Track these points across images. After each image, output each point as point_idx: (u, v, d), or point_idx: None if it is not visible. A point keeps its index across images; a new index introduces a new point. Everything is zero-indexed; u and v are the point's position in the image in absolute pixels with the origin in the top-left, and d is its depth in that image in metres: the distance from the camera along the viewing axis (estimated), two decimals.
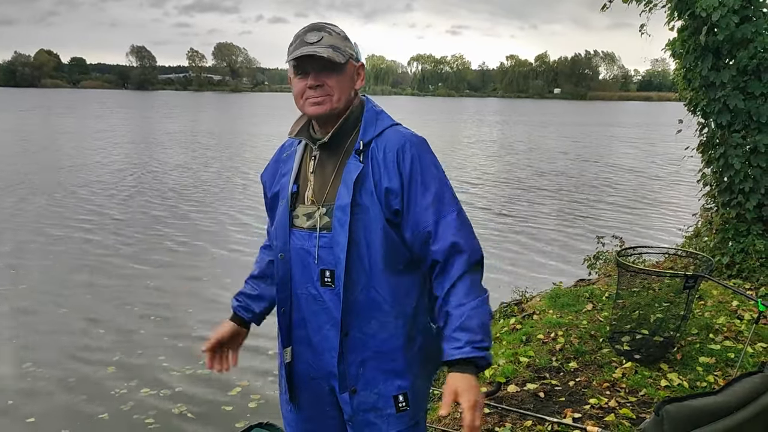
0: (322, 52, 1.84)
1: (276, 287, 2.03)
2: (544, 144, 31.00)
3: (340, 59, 1.87)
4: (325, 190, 1.93)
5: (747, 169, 5.92)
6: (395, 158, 1.88)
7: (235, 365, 2.19)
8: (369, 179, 1.88)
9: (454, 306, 1.82)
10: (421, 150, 1.92)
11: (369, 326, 1.92)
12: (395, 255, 1.91)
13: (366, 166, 1.88)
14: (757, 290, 5.62)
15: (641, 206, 14.55)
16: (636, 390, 3.92)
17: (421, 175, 1.89)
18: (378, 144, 1.91)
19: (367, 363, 1.93)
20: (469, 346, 1.78)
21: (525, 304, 6.22)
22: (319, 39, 1.87)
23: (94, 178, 16.85)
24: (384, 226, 1.88)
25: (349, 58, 1.92)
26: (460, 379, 1.77)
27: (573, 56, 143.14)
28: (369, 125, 1.94)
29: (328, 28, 1.92)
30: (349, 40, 1.96)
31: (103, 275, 8.61)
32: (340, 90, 1.91)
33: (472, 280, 1.85)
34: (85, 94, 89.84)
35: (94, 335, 6.57)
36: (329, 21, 1.99)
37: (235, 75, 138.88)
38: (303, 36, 1.90)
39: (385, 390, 1.94)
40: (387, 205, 1.88)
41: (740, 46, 5.77)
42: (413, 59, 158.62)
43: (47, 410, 5.11)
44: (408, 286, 1.96)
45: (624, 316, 4.54)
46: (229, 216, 12.53)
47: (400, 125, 1.99)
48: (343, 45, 1.91)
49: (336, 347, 1.93)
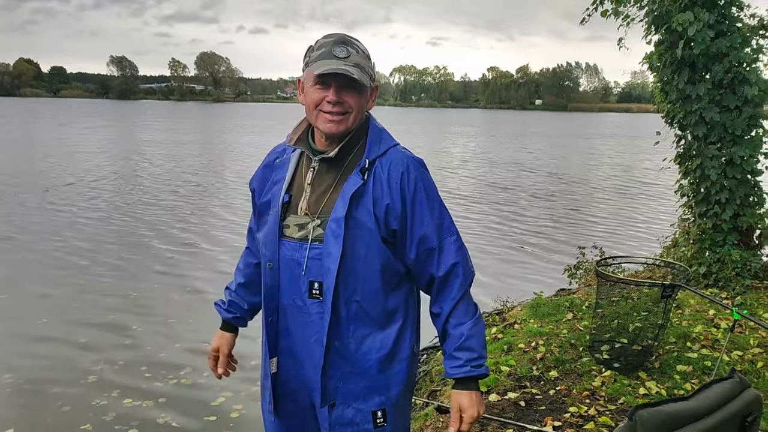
0: (354, 73, 1.83)
1: (263, 296, 2.02)
2: (523, 155, 31.21)
3: (366, 81, 1.87)
4: (321, 203, 1.93)
5: (723, 181, 6.04)
6: (399, 179, 1.90)
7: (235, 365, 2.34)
8: (368, 196, 1.88)
9: (453, 326, 1.96)
10: (423, 173, 1.96)
11: (353, 340, 1.93)
12: (386, 272, 1.93)
13: (368, 183, 1.89)
14: (733, 299, 5.72)
15: (621, 217, 14.69)
16: (615, 398, 3.97)
17: (426, 197, 1.93)
18: (382, 163, 1.92)
19: (348, 377, 1.95)
20: (468, 365, 1.94)
21: (506, 313, 6.26)
22: (348, 55, 1.86)
23: (74, 188, 16.70)
24: (378, 243, 1.89)
25: (373, 79, 1.94)
26: (464, 397, 1.95)
27: (554, 68, 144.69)
28: (374, 144, 1.95)
29: (355, 45, 1.89)
30: (371, 59, 1.94)
31: (83, 285, 8.52)
32: (358, 110, 1.91)
33: (468, 300, 1.98)
34: (66, 103, 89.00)
35: (75, 345, 6.50)
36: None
37: (218, 85, 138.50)
38: (330, 48, 1.86)
39: (364, 405, 1.96)
40: (385, 224, 1.89)
41: (715, 60, 5.89)
42: (395, 70, 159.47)
43: (26, 420, 5.05)
44: (396, 304, 1.98)
45: (603, 325, 4.60)
46: (211, 225, 12.47)
47: (399, 145, 2.01)
48: (367, 65, 1.90)
49: (319, 361, 1.93)
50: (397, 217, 1.89)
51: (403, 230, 1.91)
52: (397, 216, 1.89)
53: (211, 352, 2.30)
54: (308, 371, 1.98)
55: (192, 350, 6.43)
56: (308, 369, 1.97)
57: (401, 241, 1.93)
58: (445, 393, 4.45)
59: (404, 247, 1.94)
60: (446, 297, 1.96)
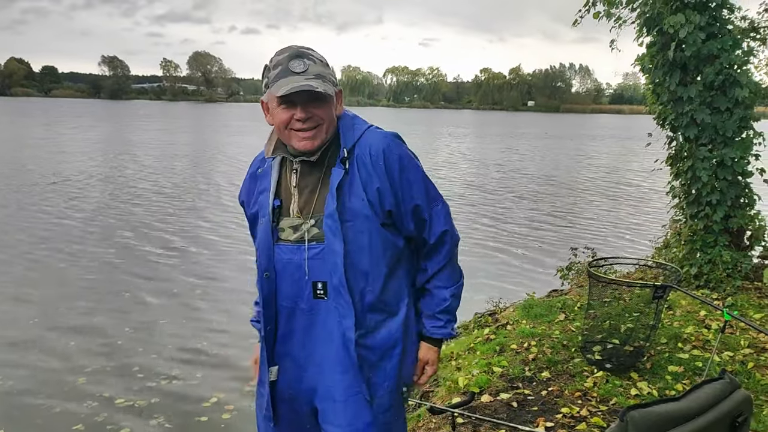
0: (316, 86, 1.80)
1: (262, 306, 2.01)
2: (516, 156, 31.27)
3: (330, 90, 1.85)
4: (312, 202, 1.92)
5: (714, 182, 6.07)
6: (382, 159, 1.90)
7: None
8: (357, 184, 1.88)
9: (436, 287, 2.08)
10: (401, 146, 1.99)
11: (374, 329, 1.96)
12: (391, 256, 1.95)
13: (351, 172, 1.89)
14: (723, 300, 5.75)
15: (613, 218, 14.75)
16: (607, 399, 3.98)
17: (410, 170, 1.96)
18: (361, 148, 1.91)
19: (376, 367, 1.98)
20: (448, 328, 2.10)
21: (499, 314, 6.27)
22: (305, 68, 1.82)
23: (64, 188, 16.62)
24: (378, 230, 1.90)
25: (336, 86, 1.92)
26: (433, 353, 2.13)
27: (547, 69, 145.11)
28: (347, 131, 1.94)
29: (311, 55, 1.86)
30: (329, 65, 1.92)
31: (73, 285, 8.49)
32: (329, 120, 1.90)
33: (453, 266, 2.10)
34: (56, 103, 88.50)
35: (65, 346, 6.47)
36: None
37: (210, 85, 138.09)
38: (286, 64, 1.82)
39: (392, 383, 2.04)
40: (381, 207, 1.90)
41: (707, 62, 5.92)
42: (388, 71, 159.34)
43: (15, 423, 5.02)
44: (401, 285, 2.02)
45: (595, 326, 4.61)
46: (204, 228, 12.43)
47: (374, 126, 2.01)
48: (327, 73, 1.88)
49: (322, 362, 1.94)
50: (389, 197, 1.91)
51: (398, 207, 1.94)
52: (389, 196, 1.91)
53: (252, 363, 2.27)
54: (311, 373, 1.97)
55: (183, 352, 6.41)
56: (311, 371, 1.97)
57: (398, 217, 1.96)
58: (437, 394, 4.45)
59: (402, 222, 1.98)
60: (433, 260, 2.07)
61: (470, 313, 6.57)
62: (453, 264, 2.09)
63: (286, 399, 2.03)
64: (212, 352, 6.32)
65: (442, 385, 4.54)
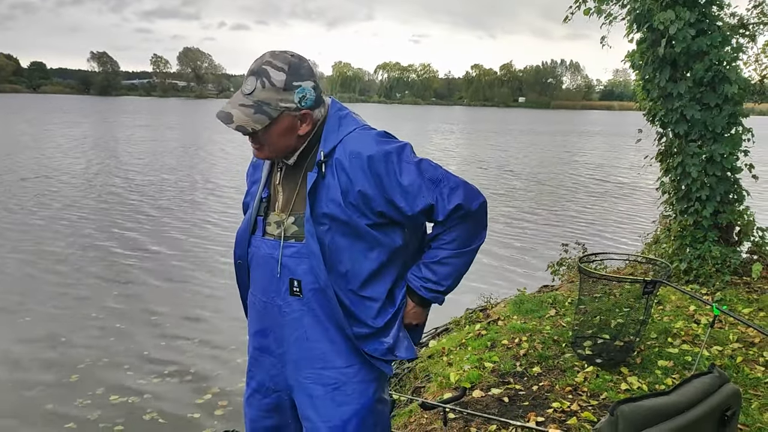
0: (235, 120, 1.80)
1: (240, 292, 2.10)
2: (507, 153, 31.32)
3: (255, 125, 1.81)
4: (291, 202, 1.94)
5: (703, 178, 6.10)
6: (365, 162, 1.85)
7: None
8: (334, 188, 1.86)
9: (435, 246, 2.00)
10: (385, 143, 1.90)
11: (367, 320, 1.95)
12: (377, 256, 1.92)
13: (329, 176, 1.86)
14: (712, 295, 5.78)
15: (603, 213, 14.82)
16: (597, 393, 4.00)
17: (397, 164, 1.87)
18: (342, 151, 1.88)
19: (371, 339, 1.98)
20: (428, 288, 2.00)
21: (490, 310, 6.29)
22: (251, 90, 1.81)
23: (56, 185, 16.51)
24: (362, 232, 1.88)
25: (282, 113, 1.83)
26: (421, 316, 2.08)
27: (538, 66, 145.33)
28: (330, 134, 1.91)
29: (267, 76, 1.81)
30: (292, 88, 1.82)
31: (65, 284, 8.44)
32: (272, 143, 1.88)
33: (462, 230, 1.97)
34: (44, 99, 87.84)
35: (56, 344, 6.45)
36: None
37: (201, 81, 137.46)
38: (246, 78, 1.84)
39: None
40: (368, 209, 1.87)
41: (696, 59, 5.95)
42: (380, 67, 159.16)
43: (8, 419, 5.00)
44: (395, 276, 2.01)
45: (586, 321, 4.63)
46: (196, 225, 12.39)
47: (364, 127, 1.96)
48: (275, 99, 1.81)
49: (298, 359, 1.95)
50: (378, 199, 1.86)
51: (395, 206, 1.88)
52: (377, 197, 1.86)
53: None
54: (288, 370, 1.99)
55: (177, 346, 6.41)
56: (289, 367, 1.99)
57: (404, 215, 1.90)
58: (429, 390, 4.46)
59: (411, 218, 1.92)
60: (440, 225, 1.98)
61: (461, 309, 6.58)
62: (460, 229, 1.96)
63: (270, 392, 2.06)
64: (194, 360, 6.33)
65: (433, 380, 4.55)
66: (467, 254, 2.01)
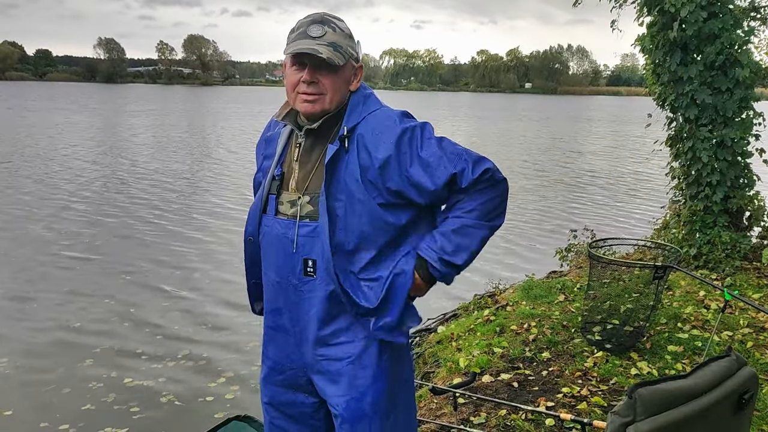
0: (322, 52, 1.79)
1: (246, 270, 2.09)
2: (515, 139, 31.21)
3: (339, 61, 1.83)
4: (308, 179, 1.92)
5: (714, 163, 6.06)
6: (385, 138, 1.84)
7: None
8: (353, 164, 1.85)
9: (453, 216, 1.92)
10: (408, 121, 1.90)
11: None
12: (382, 237, 1.90)
13: (351, 151, 1.85)
14: (722, 280, 5.77)
15: (612, 199, 14.76)
16: (607, 378, 4.00)
17: (419, 140, 1.86)
18: (365, 128, 1.88)
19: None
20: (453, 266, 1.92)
21: (499, 295, 6.29)
22: (323, 34, 1.82)
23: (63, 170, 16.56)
24: (373, 211, 1.86)
25: (349, 59, 1.88)
26: (421, 291, 1.97)
27: (545, 51, 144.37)
28: (355, 108, 1.91)
29: (333, 23, 1.86)
30: (353, 38, 1.90)
31: (76, 268, 8.49)
32: (334, 91, 1.87)
33: (486, 200, 1.90)
34: (50, 87, 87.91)
35: (70, 328, 6.50)
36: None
37: (206, 68, 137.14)
38: (306, 27, 1.84)
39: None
40: (384, 187, 1.85)
41: (707, 42, 5.89)
42: (385, 53, 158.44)
43: (25, 403, 5.06)
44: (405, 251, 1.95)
45: (595, 306, 4.62)
46: (206, 211, 12.41)
47: (386, 107, 1.97)
48: (346, 44, 1.86)
49: (313, 337, 1.95)
50: (395, 177, 1.84)
51: (415, 183, 1.85)
52: (394, 175, 1.84)
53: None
54: (305, 349, 1.99)
55: (190, 331, 6.45)
56: (305, 345, 1.99)
57: (426, 192, 1.86)
58: (438, 375, 4.47)
59: (433, 194, 1.87)
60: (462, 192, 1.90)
61: (469, 295, 6.58)
62: (484, 198, 1.90)
63: (286, 370, 2.06)
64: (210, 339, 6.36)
65: (443, 366, 4.55)
66: (485, 228, 1.93)
